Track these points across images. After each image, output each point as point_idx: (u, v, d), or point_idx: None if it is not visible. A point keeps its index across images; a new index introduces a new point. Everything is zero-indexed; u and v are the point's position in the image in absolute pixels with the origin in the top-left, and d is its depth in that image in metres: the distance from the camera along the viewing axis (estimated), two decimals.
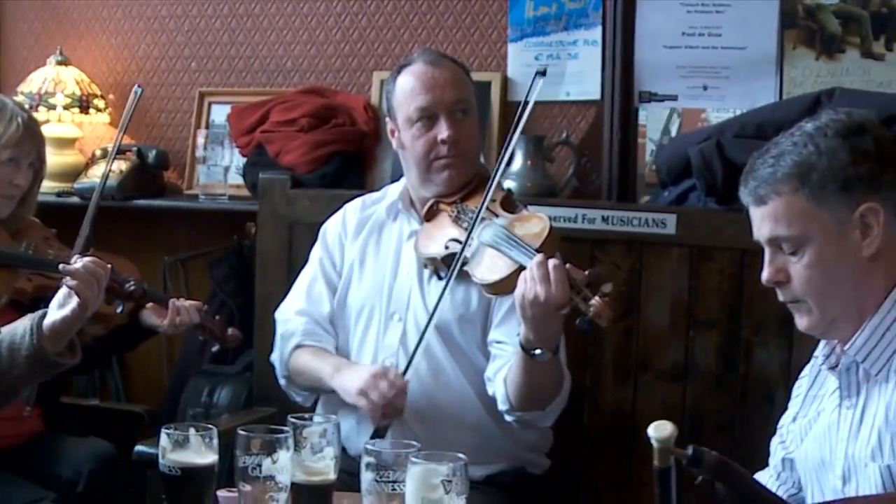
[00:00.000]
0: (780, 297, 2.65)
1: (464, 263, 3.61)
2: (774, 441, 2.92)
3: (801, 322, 2.62)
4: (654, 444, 2.23)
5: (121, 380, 5.31)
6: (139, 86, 4.54)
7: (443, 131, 3.79)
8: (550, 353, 3.44)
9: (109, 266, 3.46)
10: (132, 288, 3.80)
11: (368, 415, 3.67)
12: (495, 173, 3.78)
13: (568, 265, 3.30)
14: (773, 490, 2.79)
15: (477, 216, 3.64)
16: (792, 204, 2.53)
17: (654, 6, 4.68)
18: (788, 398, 3.83)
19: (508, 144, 3.91)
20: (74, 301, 3.21)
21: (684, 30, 4.62)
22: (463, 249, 3.60)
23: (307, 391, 4.11)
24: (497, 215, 3.69)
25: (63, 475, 4.09)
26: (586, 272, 3.27)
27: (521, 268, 3.37)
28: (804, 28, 4.48)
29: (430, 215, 3.87)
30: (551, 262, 3.28)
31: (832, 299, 2.55)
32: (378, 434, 3.67)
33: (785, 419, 2.89)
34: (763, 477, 2.88)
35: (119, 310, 3.88)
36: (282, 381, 4.15)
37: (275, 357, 4.16)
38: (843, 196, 2.50)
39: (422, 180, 3.93)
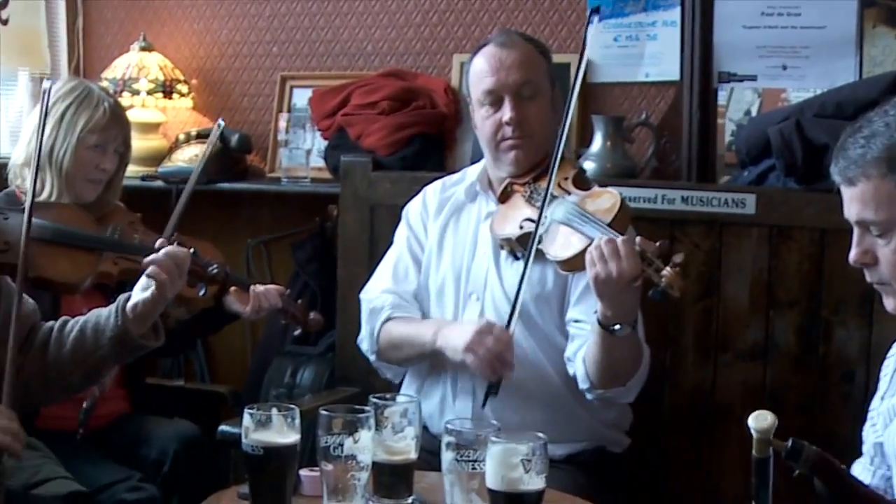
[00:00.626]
0: (868, 279, 2.62)
1: (538, 242, 3.62)
2: (866, 427, 2.88)
3: (889, 303, 2.59)
4: (754, 434, 2.25)
5: (205, 361, 5.36)
6: (221, 119, 4.58)
7: (507, 113, 3.81)
8: (629, 327, 3.46)
9: (191, 250, 3.52)
10: (214, 271, 3.82)
11: (478, 372, 3.66)
12: (559, 143, 3.77)
13: (638, 238, 3.33)
14: (868, 479, 2.78)
15: (546, 194, 3.66)
16: (880, 188, 2.48)
17: None
18: (867, 378, 3.89)
19: (570, 99, 3.91)
20: (154, 284, 3.28)
21: (763, 10, 4.62)
22: (537, 228, 3.62)
23: (399, 363, 4.09)
24: (569, 192, 3.69)
25: (149, 455, 4.13)
26: (657, 243, 3.27)
27: None
28: (884, 7, 4.46)
29: (504, 197, 3.89)
30: (619, 237, 3.31)
31: None
32: (491, 391, 3.66)
33: (875, 402, 2.86)
34: (858, 467, 2.85)
35: (202, 293, 3.90)
36: (371, 357, 4.13)
37: (363, 335, 4.13)
38: None
39: (493, 160, 3.97)
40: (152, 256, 3.32)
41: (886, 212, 2.47)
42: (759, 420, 2.23)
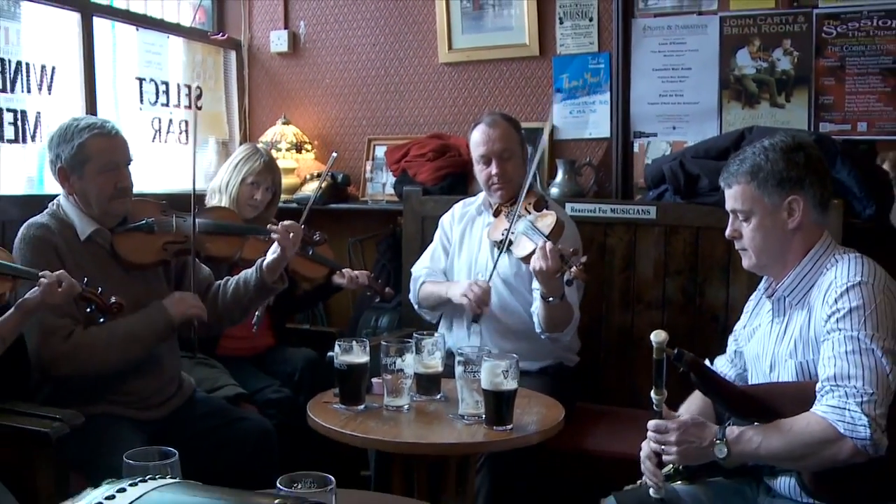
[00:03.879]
0: (736, 246, 2.69)
1: (510, 245, 3.69)
2: (730, 339, 2.94)
3: (745, 262, 2.69)
4: (654, 344, 2.41)
5: (323, 313, 5.39)
6: (335, 152, 4.44)
7: (493, 169, 3.94)
8: (558, 299, 3.57)
9: (303, 225, 3.59)
10: (317, 238, 3.91)
11: (469, 308, 3.77)
12: (525, 185, 3.83)
13: (560, 246, 3.37)
14: (727, 371, 2.89)
15: (514, 216, 3.74)
16: (745, 190, 2.59)
17: (641, 79, 4.76)
18: (727, 318, 3.88)
19: (531, 164, 4.01)
20: (279, 247, 3.46)
21: (660, 92, 4.73)
22: (507, 236, 3.71)
23: (431, 309, 4.20)
24: (529, 213, 3.74)
25: (286, 370, 4.26)
26: (571, 250, 3.33)
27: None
28: (734, 89, 4.59)
29: (496, 213, 3.98)
30: (549, 245, 3.37)
31: (765, 252, 2.61)
32: (475, 320, 3.79)
33: (738, 325, 2.91)
34: (721, 361, 2.94)
35: (310, 252, 4.06)
36: (416, 306, 4.28)
37: (411, 295, 4.29)
38: (778, 189, 2.55)
39: (487, 194, 4.08)
40: (278, 226, 3.47)
41: (748, 205, 2.60)
42: (657, 335, 2.40)
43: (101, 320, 3.05)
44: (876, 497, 2.44)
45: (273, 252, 3.49)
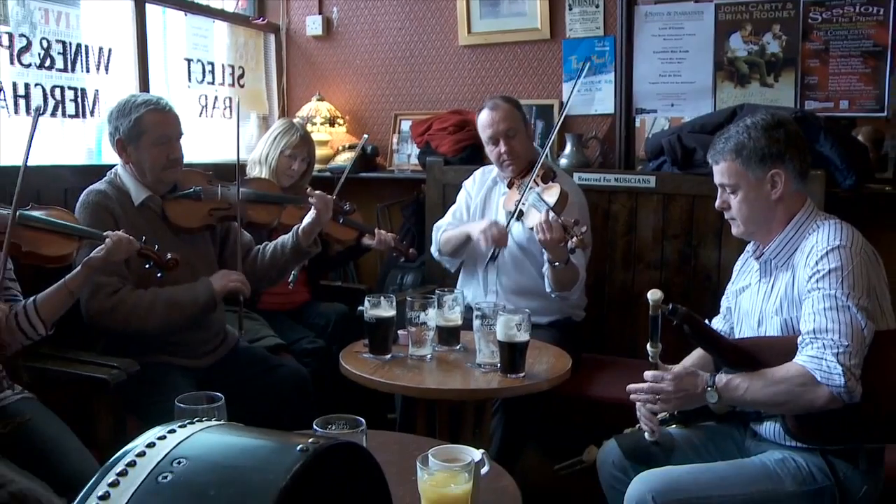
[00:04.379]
0: (725, 216, 2.70)
1: (521, 214, 3.73)
2: (723, 300, 2.93)
3: (734, 230, 2.70)
4: (650, 301, 2.42)
5: (354, 271, 5.38)
6: (367, 135, 4.72)
7: (501, 148, 3.95)
8: (563, 263, 3.57)
9: (335, 196, 3.68)
10: (347, 208, 3.87)
11: (487, 244, 3.80)
12: (539, 160, 3.85)
13: (562, 217, 3.39)
14: (721, 327, 2.89)
15: (525, 188, 3.77)
16: (731, 167, 2.60)
17: (643, 61, 4.73)
18: (718, 279, 3.85)
19: (550, 138, 4.09)
20: (314, 213, 3.51)
21: (660, 73, 4.71)
22: (517, 206, 3.74)
23: (450, 255, 4.16)
24: (538, 185, 3.75)
25: (320, 323, 4.28)
26: (573, 221, 3.34)
27: None
28: (727, 70, 4.56)
29: (510, 185, 3.99)
30: (552, 217, 3.40)
31: (751, 221, 2.62)
32: (493, 258, 3.86)
33: (729, 286, 2.90)
34: (716, 320, 2.94)
35: (340, 221, 4.04)
36: (435, 254, 4.27)
37: (433, 247, 4.27)
38: (761, 164, 2.55)
39: (500, 171, 4.09)
40: (314, 196, 3.53)
41: (734, 179, 2.60)
42: (653, 294, 2.41)
43: (160, 275, 3.09)
44: (851, 440, 2.46)
45: (308, 219, 3.53)
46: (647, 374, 2.56)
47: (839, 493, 2.46)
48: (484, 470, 2.12)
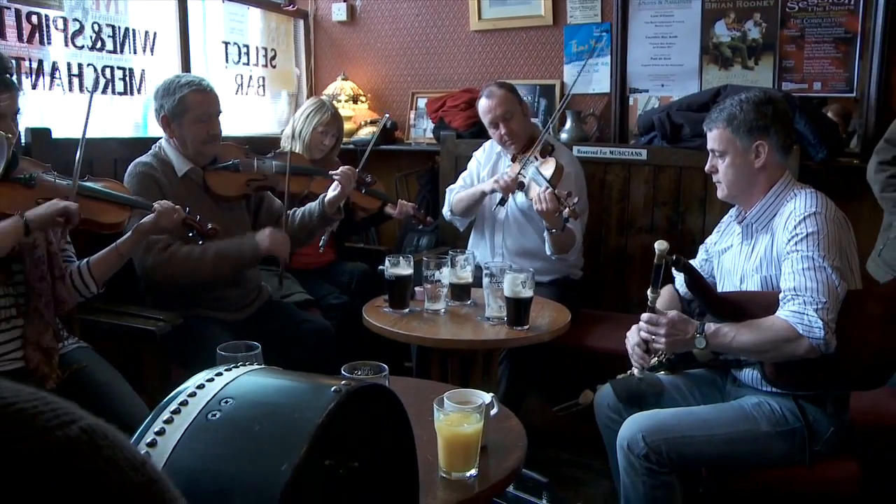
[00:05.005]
0: (713, 179, 2.69)
1: (522, 186, 3.72)
2: (701, 248, 2.97)
3: (719, 193, 2.70)
4: (657, 250, 2.43)
5: (375, 235, 5.32)
6: (388, 114, 4.75)
7: (501, 131, 3.94)
8: (560, 230, 3.57)
9: (358, 169, 3.67)
10: (368, 179, 3.94)
11: (499, 191, 3.74)
12: (541, 136, 3.84)
13: (556, 190, 3.39)
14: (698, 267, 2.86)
15: (525, 162, 3.75)
16: (722, 134, 2.60)
17: (636, 45, 4.67)
18: (703, 240, 3.96)
19: (553, 118, 4.12)
20: (339, 186, 3.49)
21: (651, 56, 4.66)
22: (517, 178, 3.72)
23: (462, 215, 4.13)
24: (537, 159, 3.74)
25: (344, 280, 4.27)
26: (567, 192, 3.35)
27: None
28: (712, 54, 4.51)
29: (513, 159, 3.97)
30: (547, 190, 3.40)
31: (735, 185, 2.61)
32: (502, 203, 3.79)
33: (709, 240, 2.94)
34: (694, 262, 2.89)
35: (363, 191, 4.05)
36: (447, 215, 4.23)
37: (445, 208, 4.24)
38: (749, 135, 2.55)
39: (503, 150, 4.07)
40: (339, 170, 3.53)
41: (723, 146, 2.59)
42: (660, 244, 2.42)
43: (200, 242, 3.10)
44: (821, 386, 2.49)
45: (333, 190, 3.52)
46: (645, 315, 2.55)
47: (808, 433, 2.48)
48: (493, 411, 2.15)
